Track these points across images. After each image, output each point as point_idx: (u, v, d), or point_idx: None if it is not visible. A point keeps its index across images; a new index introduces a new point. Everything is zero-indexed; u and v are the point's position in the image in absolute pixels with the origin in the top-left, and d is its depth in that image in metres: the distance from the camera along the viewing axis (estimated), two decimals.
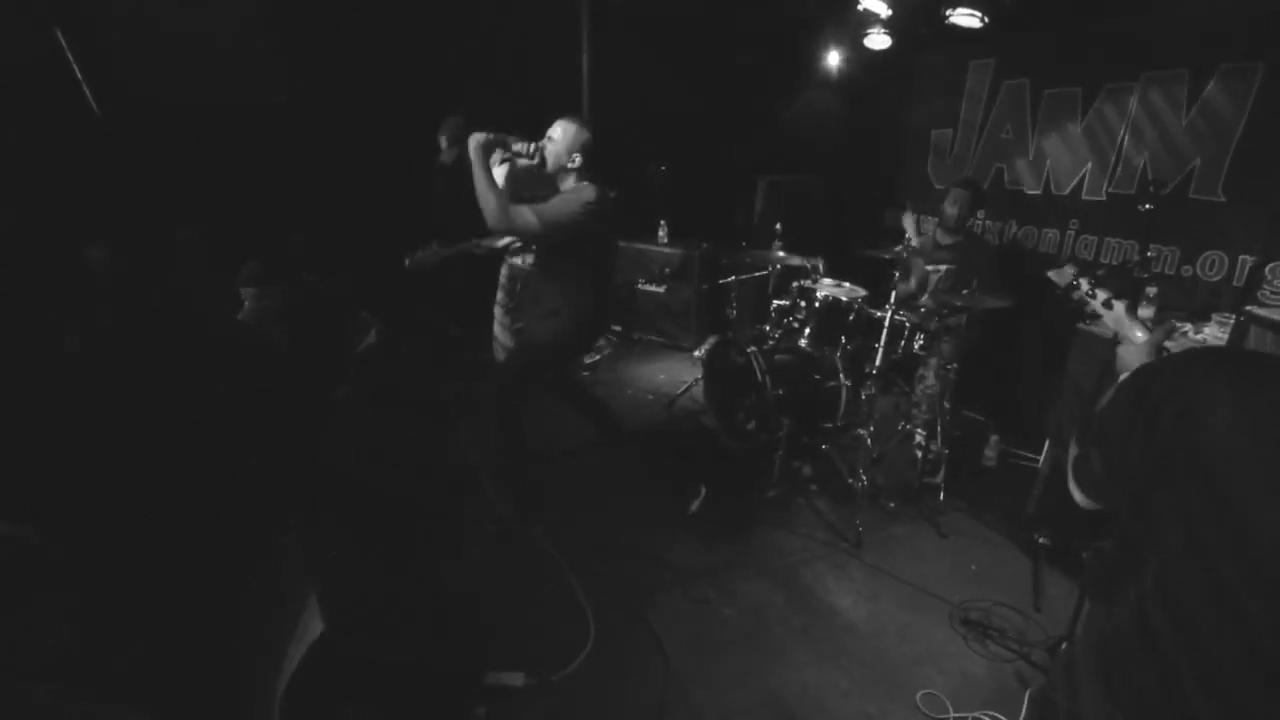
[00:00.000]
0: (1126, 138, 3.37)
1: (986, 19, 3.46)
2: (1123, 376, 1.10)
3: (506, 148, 2.38)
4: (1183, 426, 0.81)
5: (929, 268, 3.58)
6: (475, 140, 2.26)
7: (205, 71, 3.46)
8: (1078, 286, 1.54)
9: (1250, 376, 0.82)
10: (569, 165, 2.41)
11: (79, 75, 3.11)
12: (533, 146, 2.38)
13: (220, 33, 3.52)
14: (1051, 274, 1.61)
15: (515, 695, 1.93)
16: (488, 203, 2.24)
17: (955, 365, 3.16)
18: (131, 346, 2.94)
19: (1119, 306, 1.46)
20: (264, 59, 3.70)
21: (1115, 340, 1.43)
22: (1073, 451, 1.06)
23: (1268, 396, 0.79)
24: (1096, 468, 0.97)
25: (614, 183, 4.03)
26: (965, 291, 3.00)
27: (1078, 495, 1.06)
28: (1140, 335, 1.28)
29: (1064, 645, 2.08)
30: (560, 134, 2.41)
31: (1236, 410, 0.78)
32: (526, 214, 2.27)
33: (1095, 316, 1.50)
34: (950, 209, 3.49)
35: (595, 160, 2.47)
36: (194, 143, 3.51)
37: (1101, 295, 1.48)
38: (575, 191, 2.39)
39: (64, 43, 2.93)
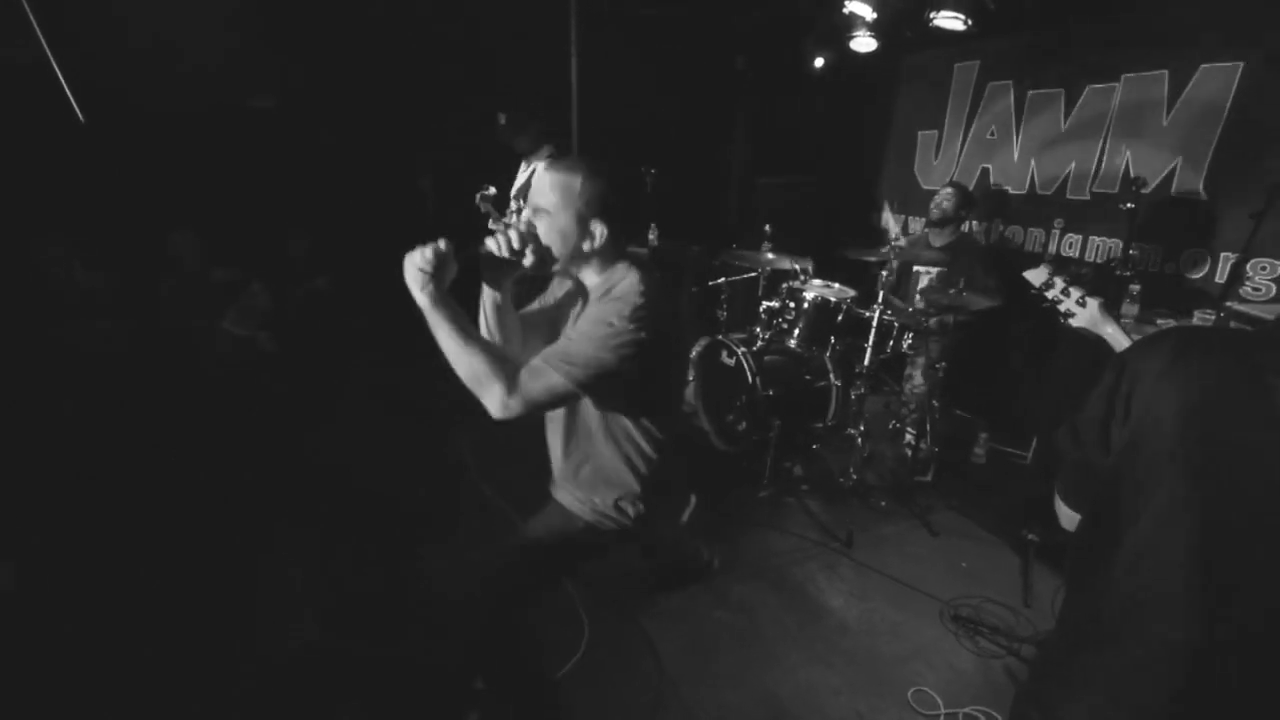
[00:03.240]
0: (1109, 138, 3.41)
1: (970, 22, 3.50)
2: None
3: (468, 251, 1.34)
4: (1153, 399, 0.85)
5: (919, 269, 3.62)
6: (417, 267, 1.27)
7: (190, 76, 3.45)
8: (1052, 285, 1.57)
9: (1206, 346, 0.87)
10: (585, 248, 1.38)
11: (63, 82, 3.10)
12: (516, 236, 1.33)
13: (205, 36, 3.51)
14: (1027, 274, 1.64)
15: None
16: (474, 371, 1.30)
17: (944, 364, 3.19)
18: (123, 358, 2.95)
19: (1093, 304, 1.49)
20: (250, 62, 3.68)
21: (1096, 338, 1.46)
22: (1059, 486, 1.07)
23: (1220, 363, 0.83)
24: (1079, 466, 0.99)
25: None
26: (952, 291, 3.03)
27: (1066, 514, 1.07)
28: (1111, 331, 1.30)
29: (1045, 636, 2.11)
30: (554, 196, 1.34)
31: (1195, 379, 0.83)
32: (549, 375, 1.29)
33: (1069, 315, 1.53)
34: (937, 208, 3.54)
35: (628, 216, 1.42)
36: (180, 148, 3.49)
37: (1075, 294, 1.51)
38: (612, 302, 1.34)
39: (45, 44, 2.91)
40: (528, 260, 1.35)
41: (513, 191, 3.68)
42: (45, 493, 2.46)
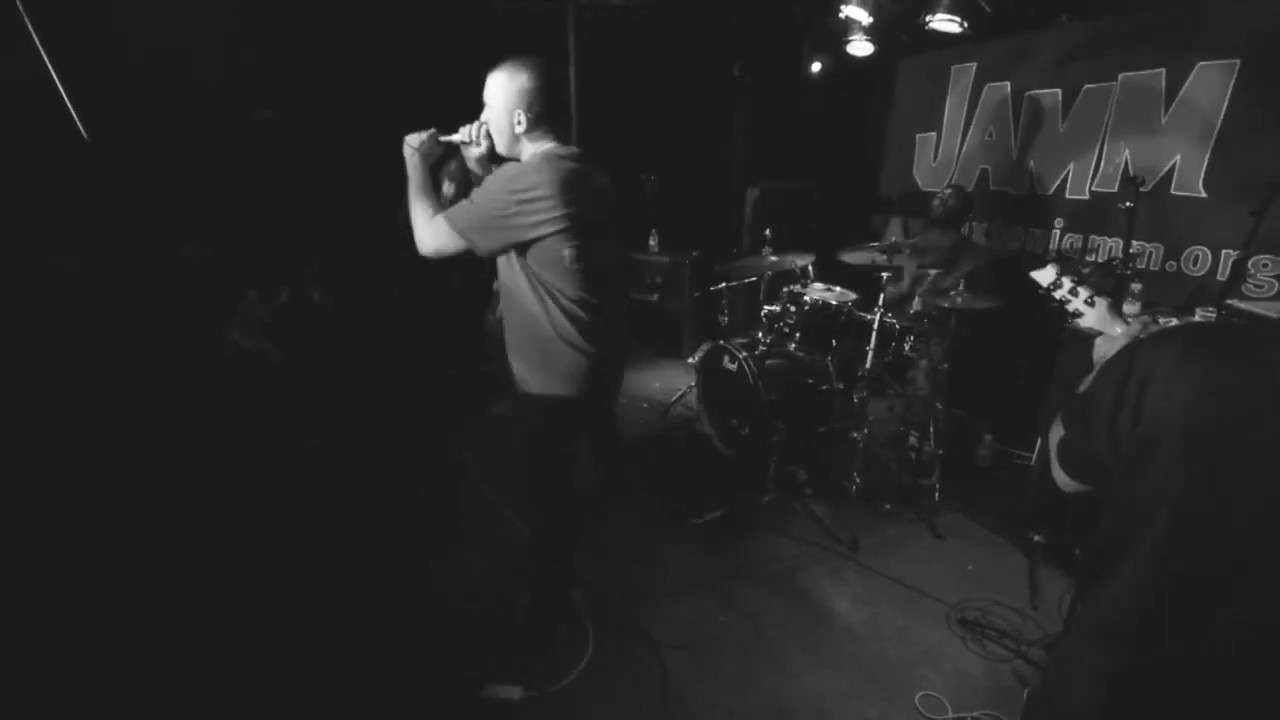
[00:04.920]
0: (1107, 137, 3.41)
1: (966, 24, 3.50)
2: (1102, 362, 1.12)
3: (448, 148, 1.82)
4: (1165, 398, 0.85)
5: (919, 270, 3.62)
6: (411, 146, 1.74)
7: (191, 89, 3.48)
8: (1060, 285, 1.56)
9: (1215, 344, 0.87)
10: (516, 130, 1.72)
11: (66, 100, 3.12)
12: (476, 128, 1.79)
13: (206, 49, 3.54)
14: (1035, 274, 1.63)
15: (513, 709, 1.92)
16: (417, 220, 1.73)
17: (946, 366, 3.18)
18: (126, 363, 2.96)
19: (1101, 304, 1.48)
20: (251, 74, 3.71)
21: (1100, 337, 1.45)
22: (1056, 434, 1.07)
23: (1230, 361, 0.83)
24: (1085, 448, 0.99)
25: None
26: (953, 292, 3.03)
27: (1062, 478, 1.07)
28: (1120, 331, 1.30)
29: (1054, 640, 2.09)
30: (490, 94, 1.73)
31: (1206, 377, 0.82)
32: (439, 226, 1.69)
33: (1078, 315, 1.52)
34: (942, 204, 3.56)
35: (554, 110, 1.75)
36: (179, 161, 3.52)
37: (1084, 293, 1.51)
38: (512, 167, 1.71)
39: (49, 64, 2.94)
40: (483, 144, 1.79)
41: None
42: (47, 496, 2.47)
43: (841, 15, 3.93)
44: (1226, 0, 2.90)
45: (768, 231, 3.72)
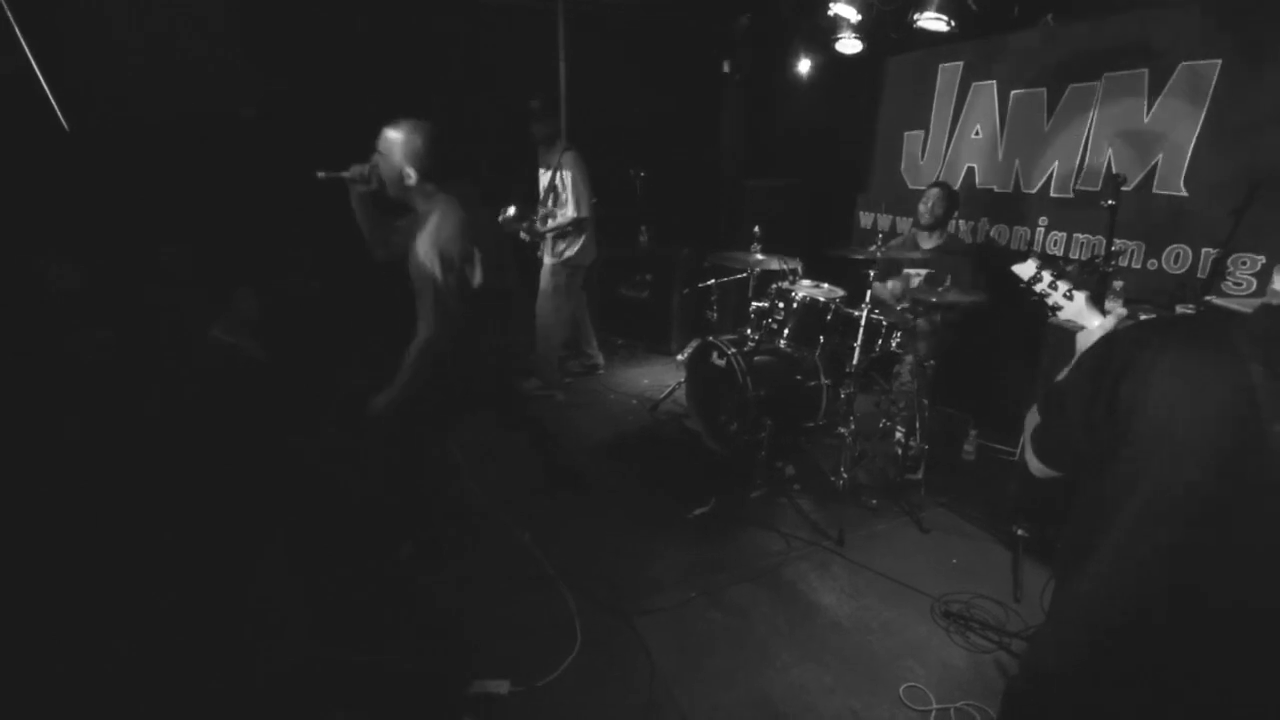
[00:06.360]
0: (1091, 136, 3.45)
1: (952, 23, 3.52)
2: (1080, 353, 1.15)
3: (363, 179, 2.11)
4: (1140, 388, 0.87)
5: (910, 272, 3.64)
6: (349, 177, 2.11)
7: (173, 84, 3.44)
8: (1040, 279, 1.58)
9: (1190, 337, 0.89)
10: (407, 183, 2.07)
11: (47, 90, 3.08)
12: (367, 169, 2.08)
13: (188, 44, 3.50)
14: (1015, 268, 1.65)
15: (501, 703, 1.93)
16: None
17: (932, 362, 3.21)
18: (117, 363, 2.94)
19: (1080, 298, 1.50)
20: (232, 70, 3.68)
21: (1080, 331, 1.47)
22: (1032, 421, 1.09)
23: (1204, 354, 0.85)
24: (1060, 434, 1.01)
25: (595, 190, 4.07)
26: (940, 289, 3.05)
27: (1035, 464, 1.09)
28: (1097, 324, 1.32)
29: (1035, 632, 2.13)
30: (385, 147, 2.06)
31: (1179, 369, 0.85)
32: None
33: (1057, 309, 1.55)
34: (924, 207, 3.59)
35: (440, 162, 2.08)
36: (164, 157, 3.48)
37: (1063, 287, 1.53)
38: (434, 233, 2.03)
39: (30, 56, 2.90)
40: (373, 184, 2.11)
41: (541, 198, 3.91)
42: (42, 498, 2.45)
43: (830, 13, 3.95)
44: (1209, 2, 2.94)
45: (756, 228, 3.73)
